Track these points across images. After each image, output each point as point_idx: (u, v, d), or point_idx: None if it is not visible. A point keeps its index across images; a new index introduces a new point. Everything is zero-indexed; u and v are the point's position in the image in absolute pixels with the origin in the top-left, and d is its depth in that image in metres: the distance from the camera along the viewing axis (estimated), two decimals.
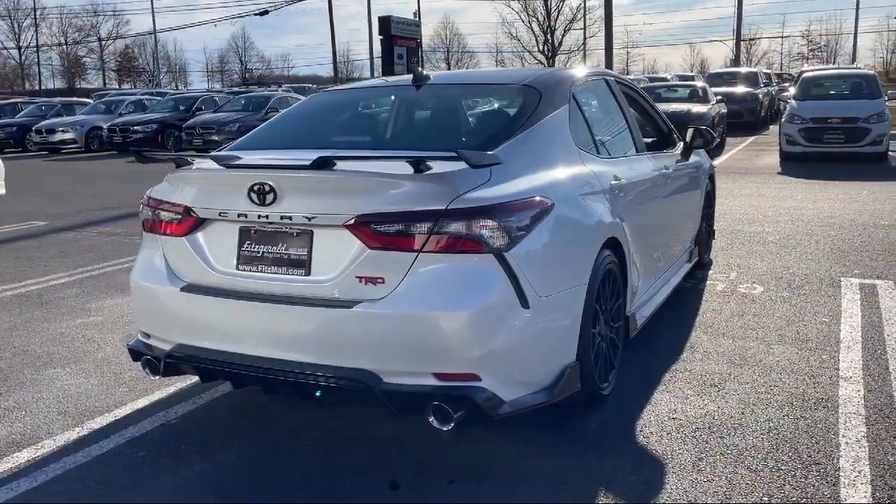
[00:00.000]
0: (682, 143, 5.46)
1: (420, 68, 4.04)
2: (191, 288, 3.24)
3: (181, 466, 3.23)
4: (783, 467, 3.07)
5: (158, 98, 26.28)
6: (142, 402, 3.91)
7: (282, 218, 3.01)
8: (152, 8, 50.36)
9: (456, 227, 2.82)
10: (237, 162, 3.21)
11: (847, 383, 3.91)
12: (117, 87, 73.15)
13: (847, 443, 3.26)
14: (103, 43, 76.90)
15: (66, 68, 72.05)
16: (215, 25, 48.43)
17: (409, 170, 2.89)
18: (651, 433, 3.39)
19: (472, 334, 2.82)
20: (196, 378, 4.05)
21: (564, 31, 67.54)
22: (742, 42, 59.25)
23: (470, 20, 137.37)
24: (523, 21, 67.35)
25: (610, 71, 5.49)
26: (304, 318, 2.98)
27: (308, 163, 2.94)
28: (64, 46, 74.23)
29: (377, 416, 3.57)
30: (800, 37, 77.86)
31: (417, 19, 37.73)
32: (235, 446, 3.39)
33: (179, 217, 3.29)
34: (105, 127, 22.00)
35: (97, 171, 17.60)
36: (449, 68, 71.18)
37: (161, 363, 3.36)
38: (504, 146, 3.26)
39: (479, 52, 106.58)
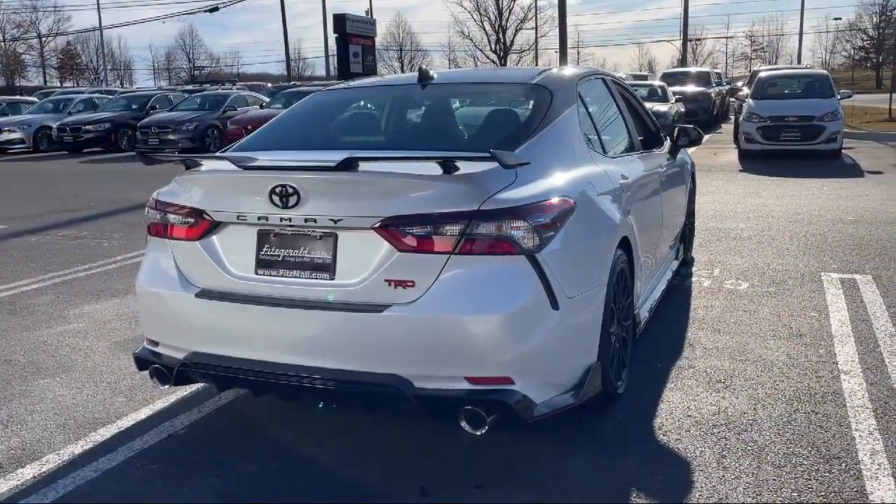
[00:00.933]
0: (668, 142, 5.51)
1: (425, 67, 3.97)
2: (206, 294, 3.14)
3: (197, 478, 3.12)
4: (805, 462, 3.12)
5: (109, 96, 25.58)
6: (144, 413, 3.77)
7: (306, 221, 2.93)
8: (98, 3, 48.82)
9: (488, 228, 2.78)
10: (254, 163, 3.11)
11: (848, 377, 4.00)
12: (59, 84, 70.99)
13: (861, 436, 3.33)
14: (43, 40, 74.55)
15: (4, 65, 69.59)
16: (163, 22, 47.32)
17: (436, 170, 2.85)
18: (670, 431, 3.41)
19: (506, 337, 2.79)
20: (196, 387, 3.96)
21: (516, 31, 68.00)
22: (689, 42, 60.53)
23: (422, 19, 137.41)
24: (475, 20, 67.56)
25: (604, 70, 5.51)
26: (330, 323, 2.90)
27: (332, 164, 2.87)
28: (2, 43, 71.71)
29: (390, 423, 3.52)
30: (744, 37, 79.70)
31: (372, 17, 37.49)
32: (252, 456, 3.29)
33: (192, 220, 3.18)
34: (55, 126, 21.34)
35: (49, 171, 17.04)
36: (402, 67, 70.93)
37: (173, 372, 3.25)
38: (525, 146, 3.23)
39: (432, 50, 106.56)
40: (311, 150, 3.45)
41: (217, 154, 3.50)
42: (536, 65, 63.90)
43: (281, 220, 2.97)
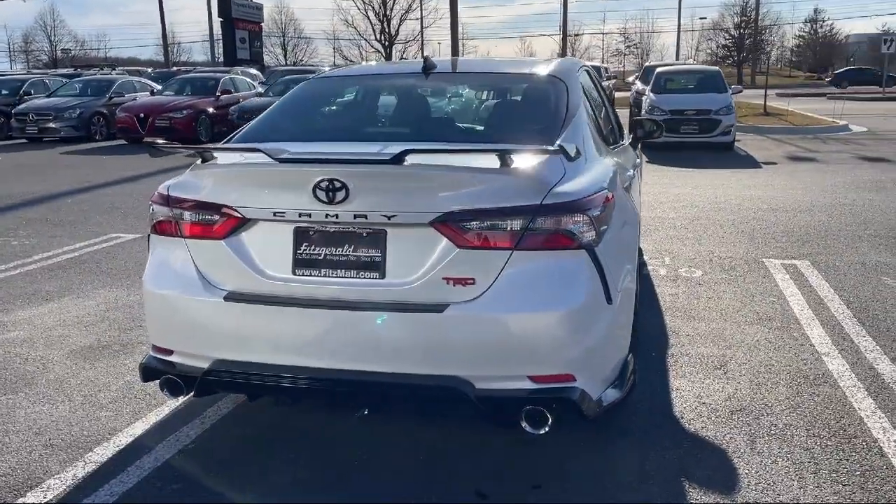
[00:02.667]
0: (630, 135, 5.62)
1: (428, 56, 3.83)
2: (235, 297, 2.90)
3: (231, 493, 2.90)
4: (829, 444, 3.26)
5: None
6: (139, 427, 3.47)
7: (355, 217, 2.76)
8: None
9: (550, 222, 2.72)
10: (293, 155, 2.89)
11: (829, 359, 4.22)
12: None
13: (867, 415, 3.52)
14: None
15: None
16: (24, 0, 43.62)
17: (490, 163, 2.76)
18: (693, 420, 3.48)
19: (570, 334, 2.74)
20: (187, 396, 3.68)
21: (400, 21, 67.73)
22: (567, 37, 62.36)
23: (305, 5, 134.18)
24: (359, 9, 66.75)
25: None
26: (384, 325, 2.75)
27: (386, 156, 2.71)
28: None
29: (422, 426, 3.40)
30: (618, 34, 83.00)
31: (259, 2, 36.33)
32: (284, 466, 3.09)
33: (217, 218, 2.93)
34: None
35: None
36: (285, 55, 69.13)
37: (194, 382, 3.00)
38: (561, 138, 3.19)
39: (315, 38, 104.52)
40: (336, 142, 3.26)
41: (239, 145, 3.24)
42: (422, 55, 63.94)
43: (326, 217, 2.78)
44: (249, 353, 2.91)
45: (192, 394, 3.12)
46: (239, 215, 2.89)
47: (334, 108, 3.86)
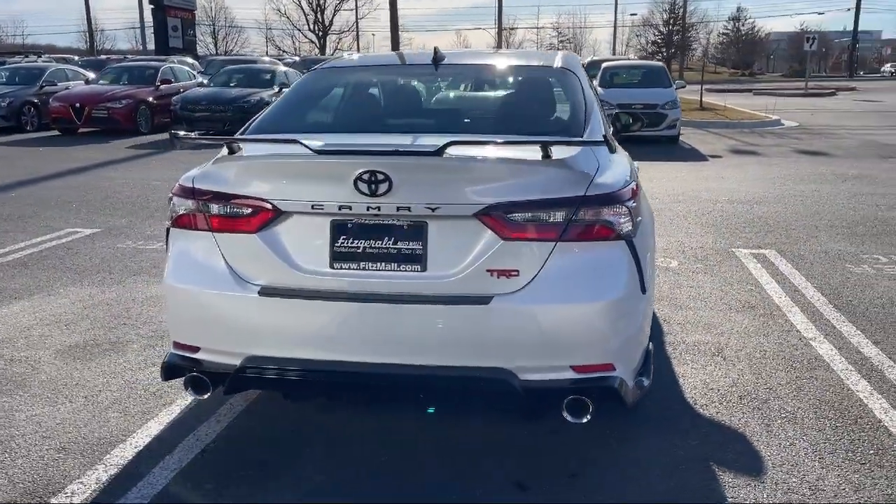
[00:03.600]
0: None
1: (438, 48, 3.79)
2: (270, 291, 2.83)
3: (268, 493, 2.84)
4: (838, 425, 3.40)
5: None
6: (154, 428, 3.35)
7: (398, 209, 2.73)
8: None
9: (593, 213, 2.75)
10: (332, 147, 2.83)
11: (817, 344, 4.40)
12: None
13: (865, 397, 3.69)
14: None
15: None
16: None
17: (533, 155, 2.77)
18: (706, 406, 3.58)
19: (612, 324, 2.78)
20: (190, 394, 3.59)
21: (335, 11, 67.04)
22: (502, 31, 62.83)
23: None
24: None
25: None
26: (427, 318, 2.74)
27: (430, 148, 2.69)
28: None
29: (453, 419, 3.40)
30: (551, 28, 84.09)
31: None
32: (317, 463, 3.05)
33: (250, 211, 2.85)
34: None
35: None
36: (216, 44, 67.45)
37: (225, 379, 2.92)
38: (587, 132, 3.22)
39: (247, 27, 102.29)
40: (365, 134, 3.20)
41: (278, 136, 3.13)
42: (357, 46, 63.37)
43: (367, 209, 2.74)
44: (285, 349, 2.85)
45: (205, 393, 3.02)
46: (274, 208, 2.82)
47: (353, 99, 3.80)
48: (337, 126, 3.45)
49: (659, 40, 69.66)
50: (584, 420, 2.81)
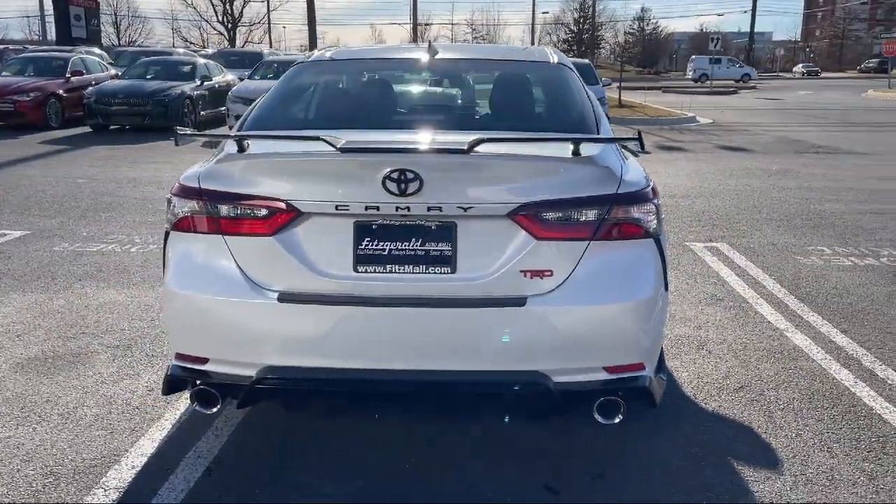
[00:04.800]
0: None
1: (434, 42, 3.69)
2: (290, 297, 2.67)
3: None
4: (835, 415, 3.50)
5: None
6: (147, 446, 3.12)
7: (429, 210, 2.61)
8: None
9: (623, 212, 2.72)
10: (356, 145, 2.68)
11: (790, 334, 4.54)
12: None
13: (850, 385, 3.81)
14: None
15: None
16: None
17: (562, 152, 2.72)
18: (706, 399, 3.62)
19: (643, 322, 2.76)
20: (182, 409, 3.39)
21: (245, 2, 65.28)
22: (417, 26, 62.75)
23: None
24: None
25: None
26: (460, 321, 2.64)
27: (461, 146, 2.59)
28: None
29: (469, 423, 3.31)
30: (466, 24, 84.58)
31: None
32: (336, 476, 2.90)
33: (266, 212, 2.67)
34: None
35: None
36: (118, 34, 64.50)
37: (239, 391, 2.74)
38: (602, 128, 3.19)
39: (152, 17, 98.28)
40: (376, 130, 3.05)
41: (299, 133, 2.94)
42: (269, 39, 61.98)
43: (396, 210, 2.62)
44: (306, 358, 2.69)
45: (213, 406, 2.84)
46: (293, 209, 2.66)
47: (354, 94, 3.63)
48: (344, 122, 3.28)
49: (570, 38, 71.17)
50: (616, 420, 2.78)
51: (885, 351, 4.27)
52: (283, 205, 2.66)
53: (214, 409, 2.84)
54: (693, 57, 49.68)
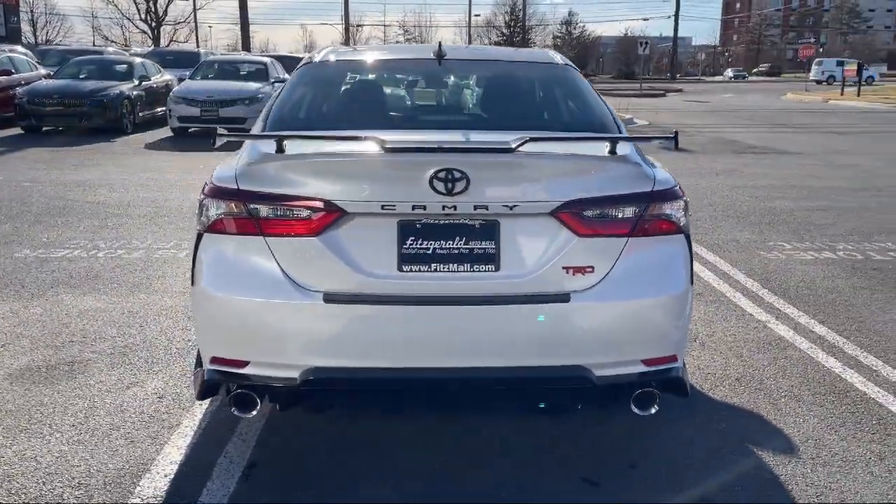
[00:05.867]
0: None
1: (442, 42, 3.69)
2: (336, 297, 2.65)
3: None
4: (834, 400, 3.68)
5: None
6: (173, 454, 3.05)
7: (475, 208, 2.64)
8: None
9: (658, 209, 2.80)
10: (401, 144, 2.68)
11: (773, 326, 4.75)
12: None
13: (840, 372, 4.02)
14: None
15: None
16: None
17: (599, 151, 2.80)
18: (712, 390, 3.76)
19: (678, 315, 2.85)
20: (200, 413, 3.34)
21: (169, 0, 63.52)
22: (350, 27, 62.37)
23: None
24: None
25: None
26: (505, 318, 2.67)
27: (507, 145, 2.63)
28: None
29: (504, 419, 3.35)
30: (398, 26, 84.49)
31: None
32: (374, 478, 2.90)
33: (310, 212, 2.65)
34: None
35: None
36: (35, 33, 61.76)
37: (282, 393, 2.71)
38: (621, 127, 3.28)
39: (71, 15, 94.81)
40: (399, 131, 3.04)
41: (343, 133, 2.89)
42: (196, 39, 60.53)
43: (443, 209, 2.64)
44: (352, 358, 2.68)
45: (252, 410, 2.80)
46: (338, 209, 2.64)
47: (372, 94, 3.61)
48: (371, 122, 3.26)
49: (501, 41, 71.96)
50: (652, 411, 2.87)
51: (863, 339, 4.51)
52: (327, 205, 2.64)
53: (253, 413, 2.80)
54: (821, 60, 51.13)
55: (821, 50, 52.47)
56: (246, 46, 34.69)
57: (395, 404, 3.32)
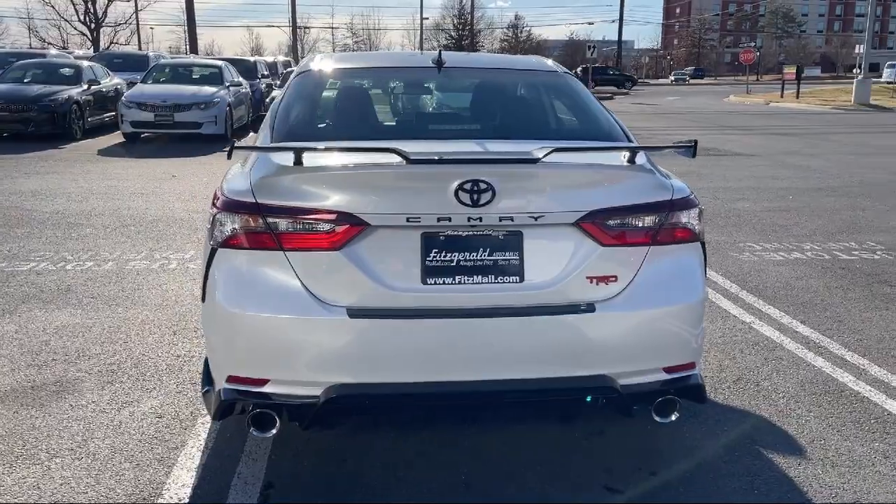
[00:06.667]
0: None
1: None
2: (360, 312, 2.59)
3: None
4: (830, 399, 3.76)
5: None
6: (184, 476, 2.94)
7: (501, 220, 2.62)
8: None
9: (677, 217, 2.82)
10: (424, 156, 2.63)
11: (758, 327, 4.84)
12: None
13: (830, 372, 4.12)
14: None
15: None
16: None
17: (619, 160, 2.81)
18: (712, 392, 3.80)
19: (696, 323, 2.87)
20: (205, 431, 3.24)
21: (109, 1, 61.85)
22: (297, 29, 61.75)
23: None
24: None
25: None
26: (531, 330, 2.66)
27: (531, 155, 2.62)
28: None
29: (519, 427, 3.33)
30: (345, 28, 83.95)
31: None
32: (391, 488, 2.84)
33: (332, 226, 2.59)
34: None
35: None
36: None
37: (306, 411, 2.63)
38: (628, 134, 3.30)
39: (5, 16, 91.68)
40: (410, 140, 3.00)
41: (372, 145, 2.81)
42: (138, 41, 59.15)
43: (469, 221, 2.60)
44: (377, 374, 2.63)
45: (271, 429, 2.71)
46: (361, 222, 2.59)
47: (380, 102, 3.55)
48: (383, 132, 3.21)
49: (451, 44, 72.16)
50: (672, 418, 2.88)
51: (846, 339, 4.63)
52: (350, 218, 2.58)
53: (272, 432, 2.71)
54: (892, 63, 51.59)
55: (758, 54, 54.08)
56: (193, 49, 33.99)
57: (410, 417, 3.27)
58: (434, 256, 2.64)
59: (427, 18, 76.01)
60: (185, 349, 4.28)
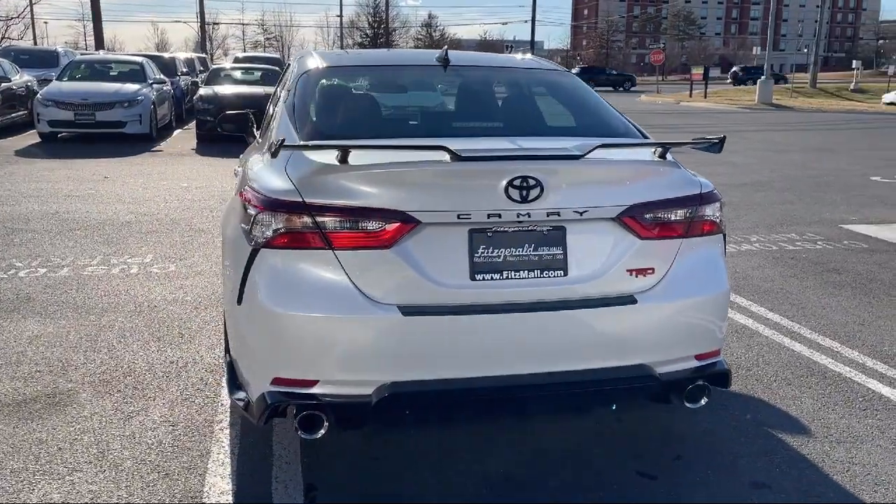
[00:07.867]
0: None
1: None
2: (413, 310, 2.59)
3: None
4: (817, 380, 3.99)
5: None
6: (220, 483, 2.86)
7: (548, 215, 2.67)
8: None
9: (706, 210, 2.94)
10: (472, 153, 2.64)
11: (733, 316, 5.05)
12: None
13: (809, 355, 4.36)
14: None
15: None
16: None
17: (649, 156, 2.91)
18: None
19: (723, 311, 3.00)
20: (227, 440, 3.16)
21: None
22: (205, 25, 60.04)
23: None
24: None
25: None
26: (576, 322, 2.72)
27: (576, 152, 2.68)
28: None
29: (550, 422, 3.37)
30: (256, 25, 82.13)
31: None
32: (433, 486, 2.85)
33: (382, 224, 2.57)
34: None
35: None
36: None
37: (358, 411, 2.61)
38: (640, 130, 3.40)
39: None
40: (440, 138, 3.00)
41: (421, 143, 2.78)
42: (33, 36, 56.20)
43: (518, 216, 2.64)
44: (430, 371, 2.63)
45: (318, 431, 2.66)
46: (412, 220, 2.58)
47: (399, 101, 3.51)
48: (411, 130, 3.19)
49: (365, 43, 71.76)
50: (702, 403, 2.99)
51: (814, 323, 4.91)
52: (402, 216, 2.58)
53: (320, 433, 2.67)
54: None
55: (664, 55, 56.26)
56: (100, 44, 32.53)
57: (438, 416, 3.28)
58: (482, 252, 2.67)
59: (339, 16, 75.30)
60: (176, 355, 4.14)
